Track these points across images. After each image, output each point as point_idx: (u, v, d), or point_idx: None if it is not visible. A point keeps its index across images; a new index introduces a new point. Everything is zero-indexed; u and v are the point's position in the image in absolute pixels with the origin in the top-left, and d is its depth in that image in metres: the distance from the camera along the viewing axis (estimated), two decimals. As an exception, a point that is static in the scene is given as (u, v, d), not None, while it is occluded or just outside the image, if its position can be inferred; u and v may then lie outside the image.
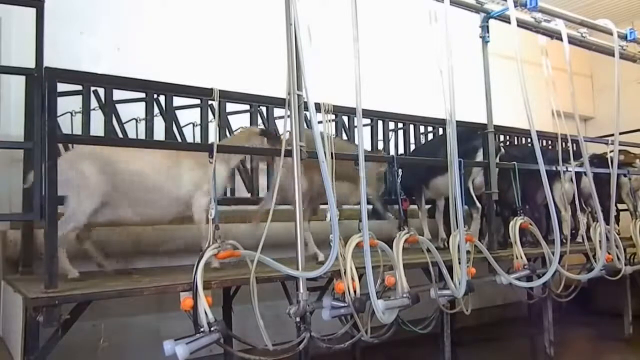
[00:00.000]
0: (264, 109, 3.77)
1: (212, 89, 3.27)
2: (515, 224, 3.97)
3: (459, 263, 3.36)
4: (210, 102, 3.47)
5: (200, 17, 4.77)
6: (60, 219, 2.55)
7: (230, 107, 3.70)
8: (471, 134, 4.23)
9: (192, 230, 3.92)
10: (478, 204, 4.15)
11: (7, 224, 3.63)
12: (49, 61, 2.70)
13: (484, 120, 4.21)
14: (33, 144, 2.49)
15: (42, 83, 2.54)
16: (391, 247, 3.20)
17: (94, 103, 3.34)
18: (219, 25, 4.84)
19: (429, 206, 4.71)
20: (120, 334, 4.01)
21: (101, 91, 3.33)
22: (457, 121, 3.58)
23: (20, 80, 3.25)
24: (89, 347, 3.83)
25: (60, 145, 3.11)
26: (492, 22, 4.19)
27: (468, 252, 3.45)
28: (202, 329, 2.46)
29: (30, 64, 2.69)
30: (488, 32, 4.16)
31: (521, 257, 3.90)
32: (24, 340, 2.55)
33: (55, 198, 2.48)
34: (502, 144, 5.12)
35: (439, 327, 3.84)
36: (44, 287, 2.41)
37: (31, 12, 2.68)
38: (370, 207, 3.78)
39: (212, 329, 2.46)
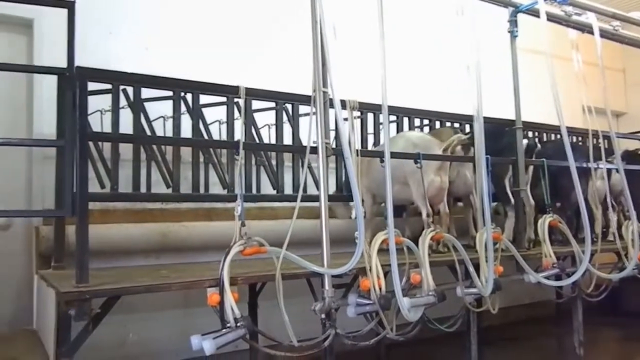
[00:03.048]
0: (289, 106, 3.78)
1: (238, 87, 3.29)
2: (544, 222, 3.90)
3: (486, 261, 3.32)
4: (236, 99, 3.49)
5: (226, 16, 4.80)
6: (90, 215, 2.60)
7: (256, 104, 3.72)
8: (507, 131, 4.18)
9: (217, 227, 3.99)
10: (513, 202, 4.09)
11: (40, 220, 3.72)
12: (79, 61, 2.75)
13: (512, 117, 4.14)
14: (65, 141, 2.54)
15: (73, 82, 2.59)
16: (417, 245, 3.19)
17: (123, 101, 3.39)
18: (245, 24, 4.86)
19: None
20: (148, 329, 4.09)
21: (130, 90, 3.38)
22: (484, 117, 3.54)
23: (52, 79, 3.33)
24: (118, 340, 3.94)
25: (91, 143, 3.18)
26: (521, 16, 4.11)
27: (496, 250, 3.40)
28: (228, 325, 2.49)
29: (61, 63, 2.74)
30: (517, 26, 4.08)
31: (550, 256, 3.83)
32: (57, 333, 2.61)
33: (86, 195, 2.53)
34: (536, 140, 5.04)
35: (465, 325, 3.80)
36: (75, 282, 2.47)
37: (62, 13, 2.74)
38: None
39: (238, 324, 2.48)
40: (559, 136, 4.89)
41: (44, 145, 3.23)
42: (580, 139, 5.37)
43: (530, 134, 5.09)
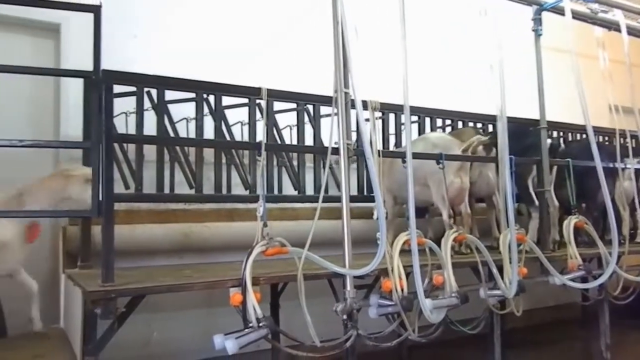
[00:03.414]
0: (310, 107, 3.79)
1: (260, 88, 3.31)
2: (570, 223, 3.83)
3: (510, 262, 3.28)
4: (258, 101, 3.52)
5: (248, 18, 4.84)
6: (115, 215, 2.65)
7: (278, 105, 3.74)
8: (530, 131, 4.12)
9: (239, 227, 4.02)
10: (537, 202, 4.04)
11: (66, 220, 3.79)
12: (104, 64, 2.80)
13: (536, 116, 4.08)
14: (91, 143, 2.58)
15: (99, 85, 2.64)
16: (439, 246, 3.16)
17: (147, 104, 3.44)
18: (267, 25, 4.89)
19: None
20: (172, 328, 4.14)
21: (154, 92, 3.43)
22: (507, 117, 3.50)
23: (79, 82, 3.40)
24: (143, 339, 3.99)
25: (116, 145, 3.23)
26: (545, 14, 4.05)
27: (520, 251, 3.36)
28: (250, 325, 2.50)
29: (87, 67, 2.79)
30: (541, 24, 4.02)
31: (576, 257, 3.77)
32: (83, 331, 2.66)
33: (112, 195, 2.58)
34: (561, 140, 4.97)
35: (488, 327, 3.76)
36: (101, 281, 2.51)
37: (88, 17, 2.78)
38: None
39: (260, 324, 2.50)
40: (584, 136, 4.83)
41: (70, 147, 3.28)
42: (606, 138, 5.27)
43: (554, 133, 5.02)
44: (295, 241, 2.78)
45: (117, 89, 2.96)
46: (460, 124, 4.57)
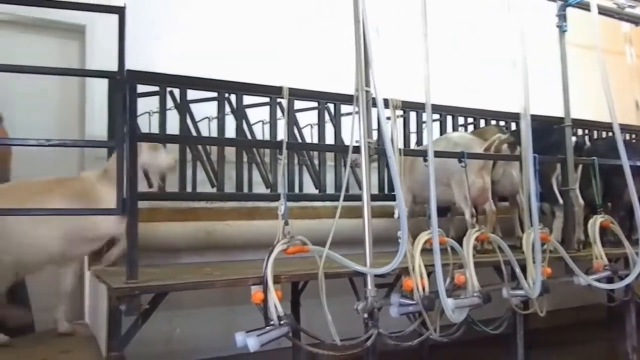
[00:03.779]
0: (331, 105, 3.79)
1: (281, 87, 3.33)
2: (595, 223, 3.76)
3: (534, 262, 3.24)
4: (279, 100, 3.53)
5: (268, 17, 4.86)
6: (139, 213, 2.68)
7: (298, 104, 3.74)
8: (554, 129, 4.06)
9: (260, 226, 4.04)
10: (561, 201, 3.98)
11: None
12: (127, 64, 2.84)
13: (560, 114, 4.02)
14: (116, 142, 2.62)
15: (123, 85, 2.68)
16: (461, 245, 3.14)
17: (169, 103, 3.48)
18: (287, 24, 4.91)
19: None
20: (193, 325, 4.19)
21: (176, 91, 3.47)
22: (531, 115, 3.45)
23: (103, 83, 3.45)
24: (165, 335, 4.05)
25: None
26: (569, 10, 3.98)
27: (544, 251, 3.31)
28: (272, 322, 2.51)
29: (110, 67, 2.83)
30: (565, 20, 3.96)
31: (602, 257, 3.70)
32: (108, 327, 2.71)
33: (136, 194, 2.61)
34: (586, 138, 4.88)
35: (511, 328, 3.71)
36: (125, 278, 2.55)
37: (112, 19, 2.83)
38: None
39: (281, 322, 2.50)
40: (610, 134, 4.73)
41: (95, 146, 3.36)
42: (633, 136, 5.16)
43: (579, 131, 4.93)
44: (316, 240, 2.78)
45: (141, 88, 3.00)
46: (482, 122, 4.52)
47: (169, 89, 3.44)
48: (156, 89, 3.40)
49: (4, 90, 3.76)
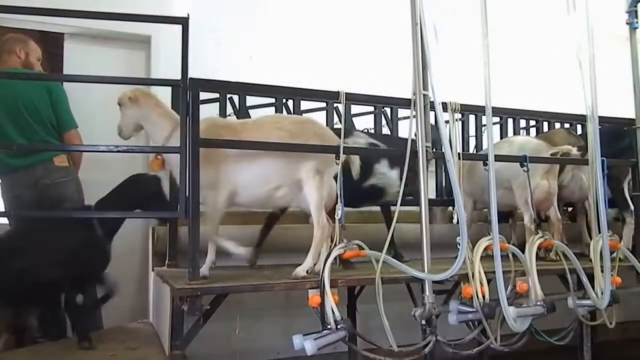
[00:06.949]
0: (387, 110, 3.77)
1: (338, 92, 3.34)
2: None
3: (602, 271, 3.09)
4: (335, 104, 3.54)
5: (325, 23, 4.90)
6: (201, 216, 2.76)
7: (355, 109, 3.75)
8: (625, 131, 3.88)
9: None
10: (632, 207, 3.79)
11: (155, 221, 4.02)
12: (190, 72, 2.94)
13: (630, 115, 3.82)
14: (180, 148, 2.72)
15: (186, 92, 2.77)
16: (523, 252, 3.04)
17: (229, 109, 3.57)
18: (344, 29, 4.93)
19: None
20: (251, 326, 4.26)
21: (235, 98, 3.55)
22: (599, 117, 3.30)
23: (167, 90, 3.59)
24: (225, 336, 4.13)
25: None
26: (640, 6, 3.79)
27: (613, 259, 3.15)
28: (329, 326, 2.52)
29: (173, 75, 2.93)
30: (636, 17, 3.76)
31: (678, 267, 3.47)
32: (171, 326, 2.80)
33: (198, 197, 2.70)
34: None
35: (577, 339, 3.55)
36: (187, 279, 2.63)
37: (176, 29, 2.94)
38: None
39: (338, 326, 2.50)
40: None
41: (161, 152, 3.47)
42: None
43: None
44: (372, 244, 2.77)
45: (202, 95, 3.09)
46: (545, 125, 4.36)
47: (228, 95, 3.52)
48: (216, 95, 3.50)
49: (84, 99, 3.96)
